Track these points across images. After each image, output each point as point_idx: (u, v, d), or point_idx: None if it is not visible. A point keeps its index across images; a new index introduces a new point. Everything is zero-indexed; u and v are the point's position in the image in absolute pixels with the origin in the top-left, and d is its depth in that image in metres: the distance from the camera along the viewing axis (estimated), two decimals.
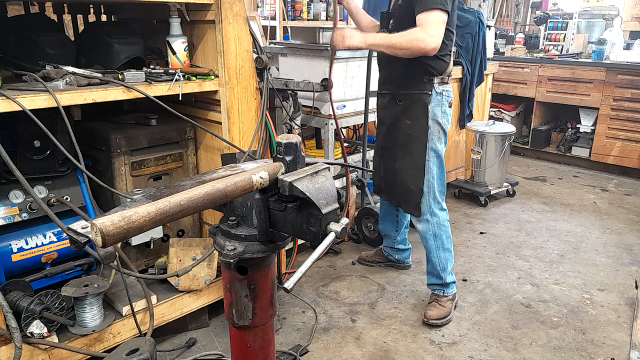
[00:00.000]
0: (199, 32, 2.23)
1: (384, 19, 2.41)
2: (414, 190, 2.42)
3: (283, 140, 1.09)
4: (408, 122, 2.37)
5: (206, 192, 0.91)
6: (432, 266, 2.54)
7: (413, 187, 2.42)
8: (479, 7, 4.54)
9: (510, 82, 5.51)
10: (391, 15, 2.36)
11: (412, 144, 2.38)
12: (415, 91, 2.34)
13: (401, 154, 2.43)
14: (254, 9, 4.83)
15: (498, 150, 4.02)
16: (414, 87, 2.33)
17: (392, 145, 2.47)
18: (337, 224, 1.04)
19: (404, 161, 2.42)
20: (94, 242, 0.80)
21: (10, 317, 1.64)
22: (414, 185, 2.42)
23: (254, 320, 1.17)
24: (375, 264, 3.04)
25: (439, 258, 2.51)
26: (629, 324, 2.51)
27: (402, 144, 2.41)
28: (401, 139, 2.41)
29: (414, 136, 2.37)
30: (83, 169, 1.79)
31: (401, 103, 2.39)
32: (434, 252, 2.51)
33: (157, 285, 2.25)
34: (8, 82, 1.75)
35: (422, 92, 2.33)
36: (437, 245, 2.50)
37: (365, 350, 2.30)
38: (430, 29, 2.13)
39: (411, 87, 2.34)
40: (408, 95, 2.36)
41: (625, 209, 4.09)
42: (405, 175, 2.43)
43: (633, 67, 4.67)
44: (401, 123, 2.40)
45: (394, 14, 2.35)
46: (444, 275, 2.52)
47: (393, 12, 2.36)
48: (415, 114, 2.35)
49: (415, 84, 2.33)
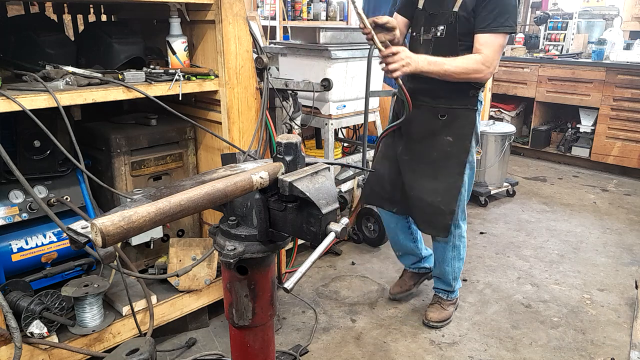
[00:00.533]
0: (199, 32, 2.23)
1: (427, 20, 2.09)
2: (444, 212, 2.17)
3: (283, 140, 1.09)
4: (449, 139, 2.12)
5: (206, 192, 0.91)
6: (444, 274, 2.44)
7: (444, 208, 2.17)
8: None
9: (510, 82, 5.50)
10: (439, 20, 2.04)
11: (450, 163, 2.14)
12: (461, 106, 2.10)
13: (433, 172, 2.16)
14: (254, 9, 4.83)
15: (498, 150, 4.02)
16: (460, 101, 2.10)
17: (421, 160, 2.19)
18: (337, 224, 1.04)
19: (438, 182, 2.15)
20: (94, 242, 0.80)
21: (10, 317, 1.64)
22: (445, 207, 2.16)
23: (254, 320, 1.17)
24: (414, 288, 2.69)
25: (452, 267, 2.40)
26: (629, 324, 2.51)
27: (437, 162, 2.15)
28: (436, 156, 2.15)
29: (454, 154, 2.13)
30: (83, 169, 1.79)
31: (443, 118, 2.12)
32: (449, 262, 2.39)
33: (157, 285, 2.25)
34: (8, 82, 1.75)
35: (468, 108, 2.10)
36: (453, 256, 2.38)
37: (365, 350, 2.30)
38: (490, 59, 1.92)
39: (456, 101, 2.10)
40: (452, 110, 2.11)
41: (625, 209, 4.08)
42: (436, 196, 2.16)
43: (633, 67, 4.67)
44: (439, 139, 2.14)
45: (446, 20, 2.02)
46: (454, 284, 2.47)
47: (443, 18, 2.03)
48: (460, 130, 2.11)
49: (461, 99, 2.10)
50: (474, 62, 1.93)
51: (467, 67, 1.93)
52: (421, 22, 2.11)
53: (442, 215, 2.17)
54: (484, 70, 1.94)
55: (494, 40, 1.93)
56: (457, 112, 2.11)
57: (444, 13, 2.03)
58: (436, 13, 2.06)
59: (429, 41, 2.09)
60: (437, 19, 2.06)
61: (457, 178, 2.15)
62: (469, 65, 1.93)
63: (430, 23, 2.08)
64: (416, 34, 2.16)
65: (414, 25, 2.17)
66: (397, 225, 2.50)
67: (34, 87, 1.70)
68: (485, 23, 1.92)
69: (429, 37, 2.08)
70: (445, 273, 2.43)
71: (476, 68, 1.93)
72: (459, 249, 2.37)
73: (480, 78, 1.97)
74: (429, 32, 2.09)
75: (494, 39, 1.93)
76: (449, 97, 2.10)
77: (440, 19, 2.05)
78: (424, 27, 2.10)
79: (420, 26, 2.13)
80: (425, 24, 2.10)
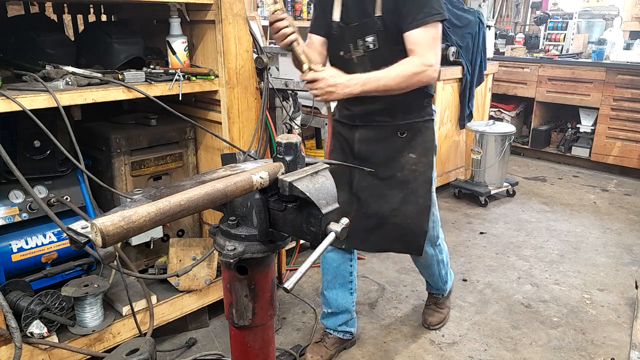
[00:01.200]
0: (199, 32, 2.23)
1: (352, 34, 1.82)
2: (416, 234, 2.00)
3: (283, 140, 1.09)
4: (413, 155, 1.93)
5: (206, 192, 0.91)
6: (434, 284, 2.44)
7: (416, 230, 1.99)
8: (479, 7, 4.55)
9: (510, 82, 5.51)
10: (365, 30, 1.79)
11: (417, 182, 1.96)
12: (419, 119, 1.93)
13: (401, 194, 1.95)
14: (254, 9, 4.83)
15: (498, 150, 4.03)
16: (417, 113, 1.92)
17: (382, 184, 1.96)
18: (337, 224, 1.04)
19: (408, 205, 1.95)
20: (94, 242, 0.79)
21: (10, 317, 1.64)
22: (417, 228, 1.99)
23: (254, 320, 1.17)
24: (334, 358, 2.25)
25: (441, 277, 2.38)
26: (629, 324, 2.51)
27: (403, 183, 1.95)
28: (402, 178, 1.95)
29: (420, 172, 1.95)
30: (83, 169, 1.79)
31: (404, 135, 1.92)
32: (437, 275, 2.35)
33: (157, 285, 2.25)
34: (8, 82, 1.76)
35: (426, 119, 1.94)
36: (439, 269, 2.33)
37: (365, 350, 2.30)
38: (428, 55, 1.71)
39: (413, 114, 1.92)
40: (411, 125, 1.92)
41: (625, 209, 4.09)
42: (405, 218, 1.97)
43: (633, 67, 4.67)
44: (403, 158, 1.94)
45: (372, 29, 1.77)
46: (446, 287, 2.46)
47: (369, 27, 1.78)
48: (422, 145, 1.94)
49: (417, 110, 1.92)
50: (412, 66, 1.71)
51: (406, 73, 1.70)
52: (346, 37, 1.84)
53: (415, 237, 2.00)
54: (426, 70, 1.71)
55: (425, 35, 1.71)
56: (416, 126, 1.93)
57: (367, 22, 1.78)
58: (359, 23, 1.80)
59: (363, 57, 1.83)
60: (363, 30, 1.79)
61: (426, 197, 1.98)
62: (408, 71, 1.70)
63: (356, 36, 1.81)
64: (344, 53, 1.87)
65: (339, 43, 1.87)
66: (339, 269, 2.19)
67: (34, 87, 1.70)
68: (411, 18, 1.70)
69: (362, 53, 1.83)
70: (435, 283, 2.42)
71: (416, 71, 1.71)
72: (444, 261, 2.33)
73: (425, 80, 1.75)
74: (357, 46, 1.82)
75: (425, 34, 1.70)
76: (405, 111, 1.90)
77: (366, 30, 1.79)
78: (352, 43, 1.83)
79: (347, 43, 1.84)
80: (350, 39, 1.83)
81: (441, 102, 3.90)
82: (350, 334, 2.28)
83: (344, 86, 1.66)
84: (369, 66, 1.79)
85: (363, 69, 1.77)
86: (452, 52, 3.80)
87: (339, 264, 2.19)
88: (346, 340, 2.29)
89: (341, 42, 1.86)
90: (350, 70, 1.75)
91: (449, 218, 3.84)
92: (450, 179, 4.32)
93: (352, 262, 2.21)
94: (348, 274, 2.21)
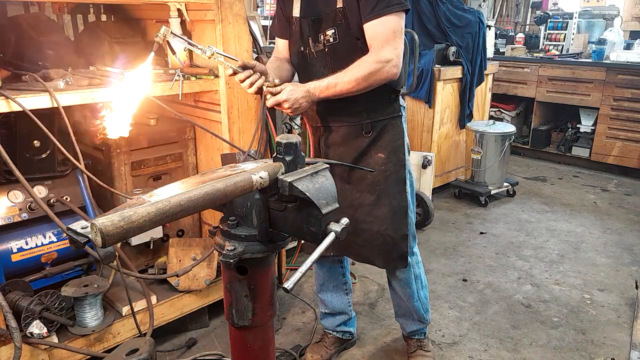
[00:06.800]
0: (199, 32, 2.22)
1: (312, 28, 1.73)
2: (396, 239, 1.86)
3: (283, 140, 1.09)
4: (381, 155, 1.83)
5: (206, 192, 0.91)
6: (413, 312, 2.11)
7: (395, 235, 1.86)
8: (479, 7, 4.55)
9: (510, 82, 5.51)
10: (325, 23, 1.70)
11: (389, 183, 1.84)
12: (385, 116, 1.81)
13: (374, 198, 1.85)
14: (254, 9, 4.83)
15: (498, 150, 4.02)
16: (382, 111, 1.81)
17: (353, 188, 1.87)
18: (337, 224, 1.04)
19: (381, 208, 1.85)
20: (93, 242, 0.79)
21: (10, 317, 1.64)
22: (396, 234, 1.86)
23: (254, 321, 1.17)
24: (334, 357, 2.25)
25: (420, 301, 2.08)
26: (629, 324, 2.51)
27: (374, 186, 1.85)
28: (372, 179, 1.84)
29: (391, 172, 1.84)
30: (83, 169, 1.79)
31: (369, 135, 1.81)
32: (416, 296, 2.05)
33: (157, 285, 2.25)
34: (8, 82, 1.75)
35: (393, 116, 1.83)
36: (417, 287, 2.05)
37: (365, 350, 2.30)
38: (384, 51, 1.60)
39: (378, 112, 1.80)
40: (376, 123, 1.81)
41: (625, 209, 4.08)
42: (382, 224, 1.85)
43: (633, 67, 4.67)
44: (370, 159, 1.84)
45: (333, 21, 1.68)
46: (427, 315, 2.14)
47: (329, 19, 1.69)
48: (391, 144, 1.83)
49: (383, 107, 1.81)
50: (369, 65, 1.60)
51: (362, 74, 1.59)
52: (306, 32, 1.75)
53: (394, 243, 1.87)
54: (383, 67, 1.60)
55: (384, 27, 1.60)
56: (382, 124, 1.82)
57: (328, 14, 1.69)
58: (319, 16, 1.71)
59: (323, 52, 1.74)
60: (324, 23, 1.71)
61: (400, 198, 1.86)
62: (363, 72, 1.59)
63: (316, 30, 1.73)
64: (305, 48, 1.78)
65: (300, 38, 1.79)
66: (330, 272, 2.16)
67: (33, 87, 1.70)
68: (370, 8, 1.59)
69: (321, 48, 1.74)
70: (416, 310, 2.09)
71: (372, 71, 1.59)
72: (421, 276, 2.07)
73: (384, 77, 1.63)
74: (318, 40, 1.73)
75: (384, 26, 1.60)
76: (369, 108, 1.79)
77: (326, 23, 1.70)
78: (311, 37, 1.74)
79: (306, 37, 1.76)
80: (311, 33, 1.74)
81: (441, 102, 3.90)
82: (349, 333, 2.27)
83: (307, 96, 1.61)
84: (329, 60, 1.73)
85: (323, 64, 1.74)
86: (452, 52, 3.80)
87: (329, 267, 2.16)
88: (346, 340, 2.28)
89: (301, 37, 1.78)
90: (310, 67, 1.74)
91: (449, 218, 3.84)
92: (451, 179, 4.32)
93: (342, 263, 2.17)
94: (340, 276, 2.18)
